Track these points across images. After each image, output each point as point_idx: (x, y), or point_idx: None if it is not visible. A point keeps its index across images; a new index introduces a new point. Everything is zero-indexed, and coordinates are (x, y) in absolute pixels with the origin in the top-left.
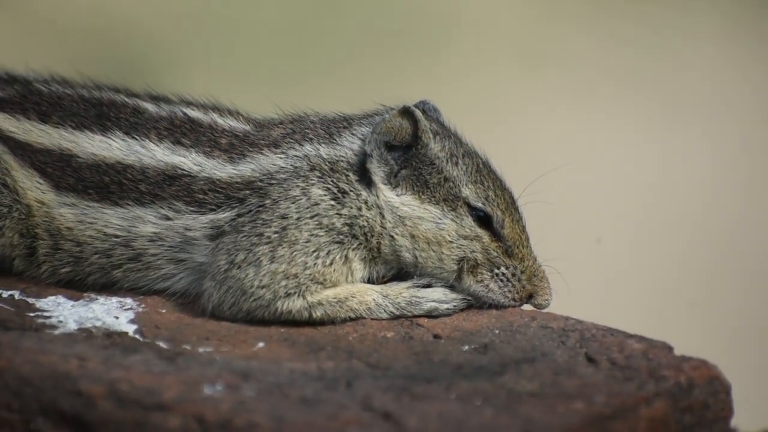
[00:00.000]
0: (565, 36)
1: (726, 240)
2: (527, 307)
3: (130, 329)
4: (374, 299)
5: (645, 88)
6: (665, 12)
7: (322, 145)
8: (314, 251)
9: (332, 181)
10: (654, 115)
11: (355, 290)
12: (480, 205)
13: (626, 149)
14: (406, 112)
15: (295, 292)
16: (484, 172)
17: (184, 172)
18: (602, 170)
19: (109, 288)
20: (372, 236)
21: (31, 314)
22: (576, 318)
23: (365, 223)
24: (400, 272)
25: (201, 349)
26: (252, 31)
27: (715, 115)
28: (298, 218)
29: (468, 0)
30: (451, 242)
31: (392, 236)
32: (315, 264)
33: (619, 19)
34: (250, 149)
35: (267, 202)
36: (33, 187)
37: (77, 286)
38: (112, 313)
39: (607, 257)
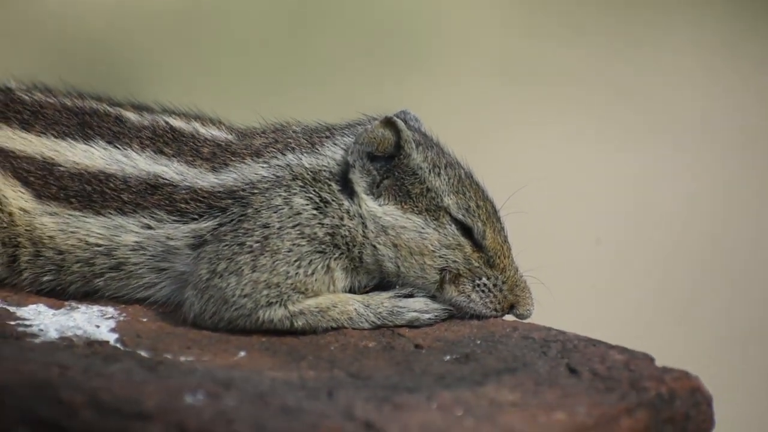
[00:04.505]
0: (547, 49)
1: (709, 248)
2: (509, 317)
3: (111, 338)
4: (356, 309)
5: (626, 100)
6: (646, 26)
7: (305, 154)
8: (296, 261)
9: (314, 190)
10: (634, 127)
11: (336, 300)
12: (461, 216)
13: (607, 162)
14: (388, 123)
15: (276, 302)
16: (466, 183)
17: (166, 181)
18: (582, 183)
19: (90, 297)
20: (354, 246)
21: (12, 323)
22: (558, 329)
23: (347, 233)
24: (382, 282)
25: (182, 358)
26: (234, 41)
27: (697, 127)
28: (280, 227)
29: (451, 13)
30: (433, 252)
31: (374, 246)
32: (297, 273)
33: (600, 33)
34: (233, 158)
35: (249, 211)
36: (15, 196)
37: (59, 295)
38: (93, 322)
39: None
